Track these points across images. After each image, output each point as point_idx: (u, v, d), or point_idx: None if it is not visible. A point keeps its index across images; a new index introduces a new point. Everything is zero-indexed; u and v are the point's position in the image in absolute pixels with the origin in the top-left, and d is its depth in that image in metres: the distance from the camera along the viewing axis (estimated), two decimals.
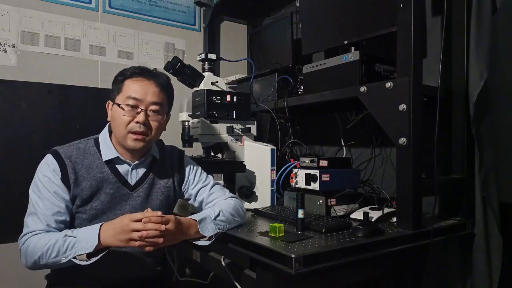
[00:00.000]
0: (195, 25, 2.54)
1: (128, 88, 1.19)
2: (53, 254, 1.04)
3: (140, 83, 1.19)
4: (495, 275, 1.38)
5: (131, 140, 1.18)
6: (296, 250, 1.00)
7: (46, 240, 1.06)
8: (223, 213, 1.23)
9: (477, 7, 1.36)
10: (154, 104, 1.20)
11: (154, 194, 1.27)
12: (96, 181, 1.18)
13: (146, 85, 1.19)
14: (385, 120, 1.28)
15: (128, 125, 1.18)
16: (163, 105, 1.23)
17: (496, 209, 1.38)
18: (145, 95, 1.18)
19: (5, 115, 1.87)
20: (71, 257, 1.02)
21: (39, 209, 1.13)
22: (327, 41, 1.72)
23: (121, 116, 1.18)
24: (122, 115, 1.17)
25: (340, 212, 1.45)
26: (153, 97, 1.20)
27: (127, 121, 1.18)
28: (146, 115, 1.19)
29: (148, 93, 1.19)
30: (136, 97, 1.18)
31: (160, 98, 1.21)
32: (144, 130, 1.19)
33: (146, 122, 1.19)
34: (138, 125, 1.17)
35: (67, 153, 1.19)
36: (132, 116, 1.18)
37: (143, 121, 1.17)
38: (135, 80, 1.20)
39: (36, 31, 1.98)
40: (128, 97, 1.18)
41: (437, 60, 1.31)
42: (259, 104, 1.92)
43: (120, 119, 1.18)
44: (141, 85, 1.19)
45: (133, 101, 1.18)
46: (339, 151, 1.87)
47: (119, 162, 1.24)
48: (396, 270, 1.27)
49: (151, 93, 1.19)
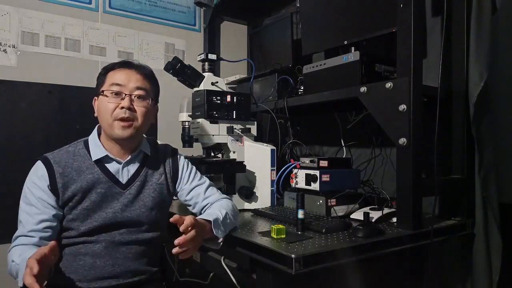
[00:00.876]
0: (195, 26, 2.54)
1: (111, 77, 1.20)
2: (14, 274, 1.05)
3: (122, 71, 1.21)
4: (495, 275, 1.38)
5: (118, 128, 1.18)
6: (296, 251, 1.00)
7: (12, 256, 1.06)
8: (228, 215, 1.22)
9: (477, 7, 1.36)
10: (138, 89, 1.20)
11: (146, 191, 1.26)
12: (87, 182, 1.17)
13: (128, 73, 1.21)
14: (385, 120, 1.28)
15: (113, 112, 1.17)
16: (148, 92, 1.23)
17: (496, 209, 1.38)
18: (128, 81, 1.19)
19: (5, 115, 1.87)
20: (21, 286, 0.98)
21: (23, 216, 1.13)
22: (327, 41, 1.72)
23: (106, 104, 1.18)
24: (107, 102, 1.18)
25: (340, 213, 1.45)
26: (136, 82, 1.20)
27: (112, 108, 1.17)
28: (131, 100, 1.18)
29: (131, 79, 1.20)
30: (119, 83, 1.18)
31: (143, 84, 1.22)
32: (130, 115, 1.18)
33: (131, 107, 1.18)
34: (123, 110, 1.17)
35: (56, 159, 1.18)
36: (117, 102, 1.17)
37: (128, 105, 1.17)
38: (117, 70, 1.21)
39: (36, 32, 1.98)
40: (112, 84, 1.19)
41: (437, 60, 1.30)
42: (259, 104, 1.92)
43: (105, 107, 1.18)
44: (124, 73, 1.20)
45: (116, 87, 1.18)
46: (339, 151, 1.87)
47: (109, 161, 1.23)
48: (396, 270, 1.26)
49: (134, 79, 1.20)
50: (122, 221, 1.20)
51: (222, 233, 1.17)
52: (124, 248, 1.19)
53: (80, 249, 1.16)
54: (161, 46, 2.38)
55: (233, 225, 1.25)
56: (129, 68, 1.22)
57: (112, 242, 1.18)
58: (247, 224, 1.34)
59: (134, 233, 1.21)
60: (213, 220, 1.13)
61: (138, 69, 1.23)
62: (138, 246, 1.22)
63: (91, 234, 1.17)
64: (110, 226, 1.18)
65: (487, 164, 1.39)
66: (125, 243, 1.20)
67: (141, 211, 1.23)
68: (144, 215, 1.23)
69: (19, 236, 1.11)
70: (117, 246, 1.18)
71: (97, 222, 1.16)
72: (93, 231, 1.17)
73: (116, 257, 1.18)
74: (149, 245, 1.25)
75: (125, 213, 1.20)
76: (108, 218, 1.18)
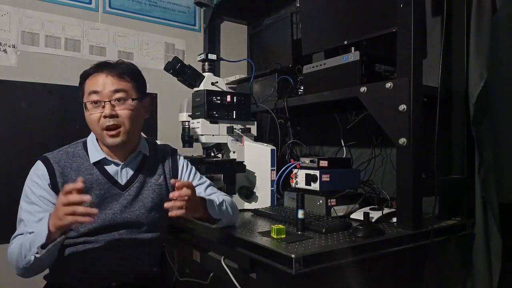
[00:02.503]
0: (195, 26, 2.54)
1: (87, 86, 1.17)
2: (23, 254, 1.03)
3: (95, 77, 1.17)
4: (495, 275, 1.38)
5: (107, 137, 1.16)
6: (296, 251, 1.00)
7: (17, 243, 1.06)
8: (225, 203, 1.26)
9: (477, 7, 1.36)
10: (116, 92, 1.15)
11: (145, 192, 1.26)
12: (86, 183, 1.16)
13: (101, 77, 1.16)
14: (385, 120, 1.28)
15: (99, 122, 1.15)
16: (128, 91, 1.18)
17: (496, 209, 1.38)
18: (103, 86, 1.15)
19: (5, 115, 1.87)
20: (34, 254, 1.00)
21: (25, 215, 1.12)
22: (327, 41, 1.72)
23: (90, 116, 1.16)
24: (90, 114, 1.16)
25: (340, 213, 1.45)
26: (112, 85, 1.15)
27: (97, 119, 1.15)
28: (112, 106, 1.15)
29: (106, 83, 1.15)
30: (95, 90, 1.15)
31: (121, 85, 1.16)
32: (115, 122, 1.15)
33: (113, 113, 1.15)
34: (107, 119, 1.14)
35: (55, 158, 1.18)
36: (99, 112, 1.15)
37: (109, 113, 1.14)
38: (92, 76, 1.18)
39: (36, 32, 1.98)
40: (89, 94, 1.16)
41: (437, 60, 1.30)
42: (259, 104, 1.92)
43: (90, 119, 1.17)
44: (97, 78, 1.16)
45: (94, 96, 1.15)
46: (339, 151, 1.87)
47: (107, 162, 1.22)
48: (396, 270, 1.26)
49: (109, 83, 1.15)
50: (122, 222, 1.19)
51: (216, 215, 1.19)
52: (124, 249, 1.19)
53: (80, 250, 1.16)
54: (161, 46, 2.38)
55: (230, 216, 1.27)
56: (100, 72, 1.17)
57: (111, 243, 1.18)
58: (247, 224, 1.34)
59: (134, 234, 1.21)
60: (207, 199, 1.17)
61: (112, 70, 1.17)
62: (138, 247, 1.22)
63: (90, 235, 1.17)
64: (109, 227, 1.18)
65: (487, 164, 1.39)
66: (125, 244, 1.20)
67: (141, 212, 1.22)
68: (143, 216, 1.23)
69: (19, 234, 1.10)
70: (116, 247, 1.18)
71: (97, 223, 1.16)
72: (93, 232, 1.16)
73: (116, 257, 1.18)
74: (149, 246, 1.25)
75: (125, 214, 1.20)
76: (108, 219, 1.18)
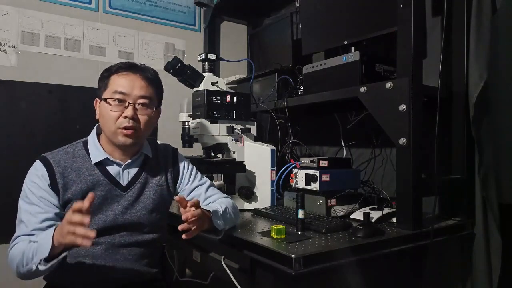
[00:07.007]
0: (195, 26, 2.54)
1: (114, 83, 1.17)
2: (25, 262, 1.02)
3: (126, 77, 1.17)
4: (495, 275, 1.38)
5: (121, 136, 1.16)
6: (296, 251, 1.00)
7: (20, 249, 1.04)
8: (228, 210, 1.24)
9: (477, 7, 1.36)
10: (142, 98, 1.17)
11: (147, 193, 1.25)
12: (87, 184, 1.16)
13: (132, 79, 1.17)
14: (385, 120, 1.28)
15: (117, 120, 1.16)
16: (152, 99, 1.20)
17: (495, 209, 1.38)
18: (132, 89, 1.16)
19: (5, 115, 1.87)
20: (37, 264, 0.99)
21: (25, 216, 1.11)
22: (327, 41, 1.72)
23: (109, 112, 1.16)
24: (110, 110, 1.16)
25: (340, 213, 1.45)
26: (140, 90, 1.17)
27: (116, 117, 1.16)
28: (135, 109, 1.16)
29: (135, 86, 1.16)
30: (122, 91, 1.15)
31: (148, 91, 1.19)
32: (134, 124, 1.16)
33: (135, 117, 1.16)
34: (126, 120, 1.15)
35: (55, 159, 1.17)
36: (120, 111, 1.15)
37: (131, 115, 1.15)
38: (121, 74, 1.18)
39: (36, 32, 1.98)
40: (115, 92, 1.16)
41: (437, 60, 1.31)
42: (259, 104, 1.92)
43: (109, 115, 1.16)
44: (128, 79, 1.17)
45: (120, 95, 1.15)
46: (339, 151, 1.87)
47: (109, 163, 1.22)
48: (396, 270, 1.26)
49: (138, 87, 1.17)
50: (123, 223, 1.19)
51: (221, 225, 1.18)
52: (125, 250, 1.19)
53: (80, 251, 1.15)
54: (161, 46, 2.38)
55: (233, 221, 1.26)
56: (133, 73, 1.18)
57: (112, 244, 1.17)
58: (247, 224, 1.34)
59: (135, 235, 1.21)
60: (212, 211, 1.15)
61: (143, 74, 1.19)
62: (138, 248, 1.21)
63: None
64: (110, 228, 1.17)
65: (487, 164, 1.39)
66: (126, 245, 1.19)
67: (142, 214, 1.22)
68: (144, 217, 1.22)
69: (20, 235, 1.09)
70: (117, 248, 1.18)
71: (98, 225, 1.15)
72: None
73: (117, 258, 1.18)
74: (150, 247, 1.25)
75: (126, 215, 1.20)
76: (109, 220, 1.17)
